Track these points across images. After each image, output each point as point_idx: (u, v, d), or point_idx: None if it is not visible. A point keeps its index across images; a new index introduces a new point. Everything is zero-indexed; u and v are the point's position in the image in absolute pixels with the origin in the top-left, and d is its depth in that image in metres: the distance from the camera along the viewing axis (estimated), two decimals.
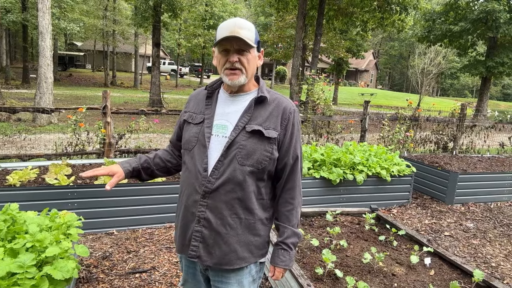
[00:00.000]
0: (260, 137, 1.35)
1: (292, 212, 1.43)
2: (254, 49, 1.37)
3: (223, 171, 1.34)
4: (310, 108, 6.57)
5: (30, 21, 19.38)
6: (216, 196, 1.35)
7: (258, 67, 1.45)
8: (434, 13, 18.17)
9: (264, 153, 1.35)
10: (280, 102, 1.42)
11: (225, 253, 1.37)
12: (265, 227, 1.45)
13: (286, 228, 1.43)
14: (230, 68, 1.35)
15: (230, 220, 1.36)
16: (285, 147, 1.40)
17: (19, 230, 2.03)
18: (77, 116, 5.08)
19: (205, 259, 1.38)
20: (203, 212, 1.36)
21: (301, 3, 12.85)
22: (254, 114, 1.38)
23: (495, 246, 3.94)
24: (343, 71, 25.50)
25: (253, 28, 1.36)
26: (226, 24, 1.33)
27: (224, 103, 1.44)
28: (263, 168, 1.36)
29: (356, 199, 4.61)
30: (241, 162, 1.33)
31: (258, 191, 1.39)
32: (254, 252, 1.42)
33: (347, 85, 42.64)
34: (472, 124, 7.56)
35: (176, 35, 26.88)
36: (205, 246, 1.37)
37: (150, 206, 3.69)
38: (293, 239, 1.43)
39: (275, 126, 1.37)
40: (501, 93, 56.04)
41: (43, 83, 9.88)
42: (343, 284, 2.36)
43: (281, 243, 1.43)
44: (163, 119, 12.33)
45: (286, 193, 1.44)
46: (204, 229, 1.36)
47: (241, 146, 1.34)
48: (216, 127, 1.40)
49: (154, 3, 14.75)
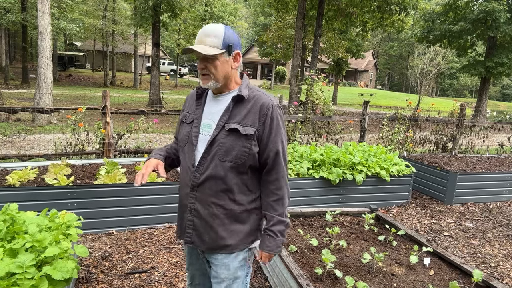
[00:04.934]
0: (238, 135, 1.45)
1: (278, 202, 1.52)
2: (222, 54, 1.44)
3: (206, 167, 1.47)
4: (310, 108, 6.57)
5: (29, 21, 19.35)
6: (202, 189, 1.48)
7: (234, 68, 1.50)
8: (434, 13, 18.17)
9: (243, 149, 1.45)
10: (259, 99, 1.49)
11: (214, 239, 1.51)
12: (253, 216, 1.56)
13: (272, 217, 1.52)
14: (201, 73, 1.48)
15: (216, 210, 1.49)
16: (264, 142, 1.48)
17: (18, 230, 2.03)
18: (77, 116, 5.08)
19: (198, 244, 1.55)
20: (193, 203, 1.51)
21: (301, 3, 12.85)
22: (233, 112, 1.48)
23: (494, 246, 3.95)
24: (342, 71, 25.48)
25: (220, 34, 1.43)
26: (198, 33, 1.46)
27: (210, 104, 1.56)
28: (243, 163, 1.46)
29: (356, 199, 4.61)
30: (221, 159, 1.45)
31: (243, 183, 1.50)
32: (241, 238, 1.53)
33: (346, 85, 42.64)
34: (471, 124, 7.56)
35: (176, 35, 26.84)
36: (197, 233, 1.53)
37: (149, 206, 3.69)
38: (279, 226, 1.52)
39: (253, 122, 1.46)
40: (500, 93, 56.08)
41: (42, 83, 9.87)
42: (343, 284, 2.36)
43: (267, 230, 1.54)
44: (163, 119, 12.33)
45: (270, 184, 1.52)
46: (195, 219, 1.52)
47: (221, 143, 1.45)
48: (203, 126, 1.52)
49: (154, 3, 14.74)
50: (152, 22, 15.53)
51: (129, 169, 4.22)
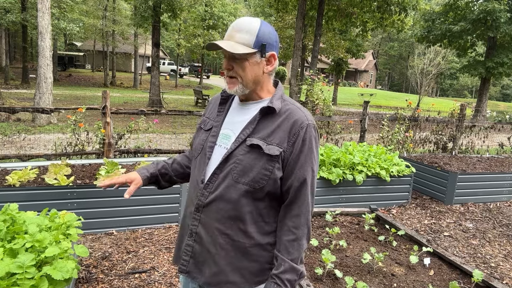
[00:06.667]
0: (260, 153, 1.20)
1: (293, 243, 1.23)
2: (254, 54, 1.21)
3: (216, 186, 1.23)
4: (310, 108, 6.57)
5: (29, 21, 19.36)
6: (208, 211, 1.24)
7: (267, 72, 1.27)
8: (434, 13, 18.18)
9: (263, 171, 1.19)
10: (292, 115, 1.24)
11: (214, 273, 1.25)
12: (265, 253, 1.27)
13: (284, 261, 1.22)
14: (227, 75, 1.25)
15: (221, 239, 1.23)
16: (291, 167, 1.22)
17: (18, 230, 2.03)
18: (77, 116, 5.08)
19: (195, 276, 1.28)
20: (195, 226, 1.27)
21: (301, 3, 12.86)
22: (259, 126, 1.24)
23: (494, 246, 3.95)
24: (342, 72, 25.52)
25: (254, 30, 1.20)
26: (230, 25, 1.24)
27: (234, 111, 1.33)
28: (261, 188, 1.20)
29: (356, 199, 4.61)
30: (236, 179, 1.20)
31: (258, 212, 1.24)
32: (247, 277, 1.26)
33: (346, 85, 42.66)
34: (471, 125, 7.57)
35: (176, 35, 26.89)
36: (195, 262, 1.28)
37: (149, 206, 3.69)
38: (290, 275, 1.21)
39: (280, 141, 1.21)
40: (500, 94, 56.11)
41: (42, 83, 9.88)
42: (343, 284, 2.36)
43: (275, 277, 1.21)
44: (163, 119, 12.32)
45: (288, 219, 1.25)
46: (195, 244, 1.27)
47: (238, 160, 1.21)
48: (222, 136, 1.30)
49: (154, 3, 14.75)
50: (152, 22, 15.55)
51: (129, 169, 4.22)
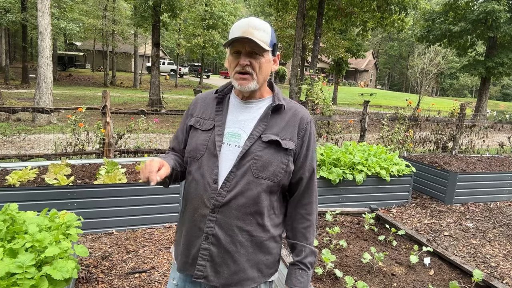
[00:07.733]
0: (277, 148, 1.26)
1: (309, 229, 1.34)
2: (268, 52, 1.28)
3: (235, 184, 1.24)
4: (310, 108, 6.56)
5: (29, 21, 19.36)
6: (227, 210, 1.24)
7: (272, 72, 1.35)
8: (434, 13, 18.18)
9: (280, 165, 1.26)
10: (297, 111, 1.34)
11: (234, 272, 1.27)
12: (277, 245, 1.36)
13: (304, 246, 1.33)
14: (240, 72, 1.26)
15: (241, 237, 1.26)
16: (301, 160, 1.31)
17: (18, 230, 2.03)
18: (77, 116, 5.08)
19: (212, 279, 1.26)
20: (211, 228, 1.25)
21: (301, 3, 12.85)
22: (270, 123, 1.30)
23: (494, 246, 3.95)
24: (342, 71, 25.50)
25: (269, 29, 1.27)
26: (239, 24, 1.25)
27: (236, 110, 1.35)
28: (279, 182, 1.27)
29: (356, 199, 4.61)
30: (256, 174, 1.24)
31: (271, 206, 1.30)
32: (264, 271, 1.32)
33: (346, 85, 42.66)
34: (471, 124, 7.57)
35: (176, 35, 26.89)
36: (212, 265, 1.26)
37: (149, 206, 3.69)
38: (311, 258, 1.34)
39: (291, 136, 1.29)
40: (500, 93, 56.09)
41: (42, 83, 9.88)
42: (343, 284, 2.36)
43: (299, 263, 1.32)
44: (163, 119, 12.32)
45: (302, 208, 1.34)
46: (212, 247, 1.25)
47: (257, 157, 1.24)
48: (228, 135, 1.30)
49: (154, 3, 14.74)
50: (152, 21, 15.55)
51: (129, 169, 4.22)
